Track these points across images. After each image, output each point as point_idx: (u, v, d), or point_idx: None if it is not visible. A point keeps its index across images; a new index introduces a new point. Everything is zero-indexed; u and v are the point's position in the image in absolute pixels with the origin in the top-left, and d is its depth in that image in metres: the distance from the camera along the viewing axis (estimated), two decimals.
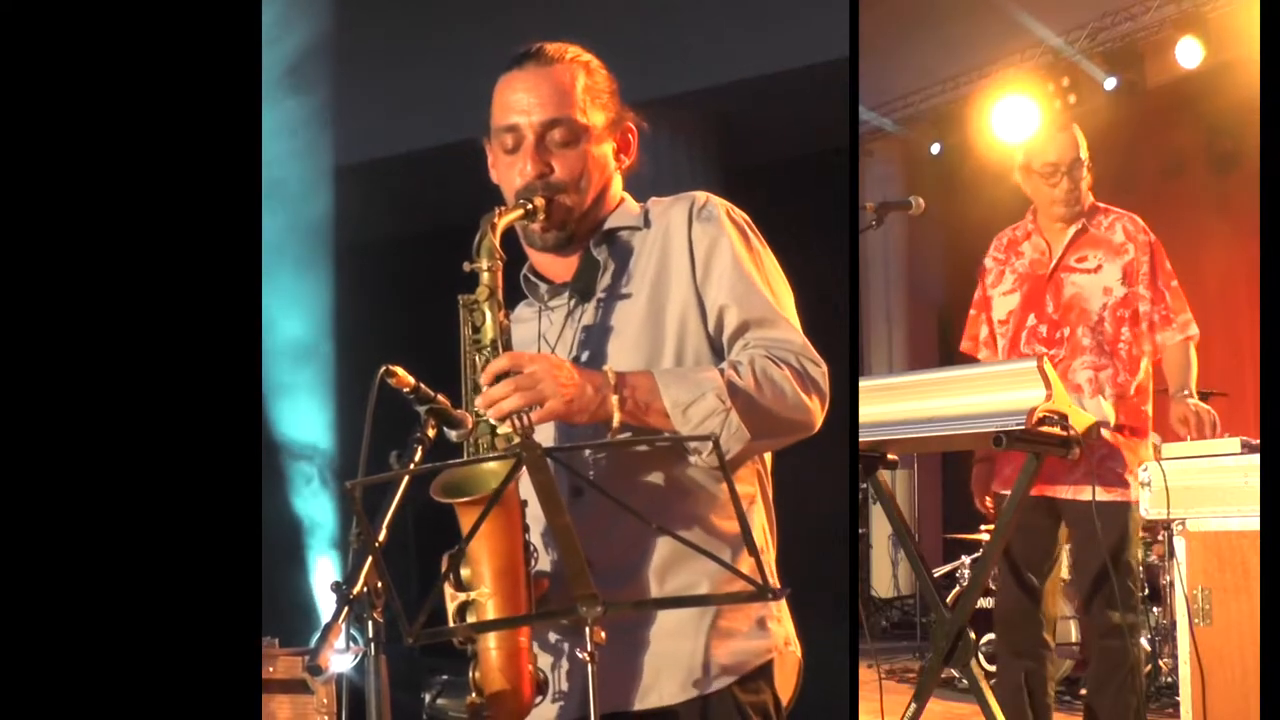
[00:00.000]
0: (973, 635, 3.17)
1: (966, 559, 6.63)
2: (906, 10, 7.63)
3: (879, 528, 8.97)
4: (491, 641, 1.82)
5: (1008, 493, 3.50)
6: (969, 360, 3.72)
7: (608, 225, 2.06)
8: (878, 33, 6.31)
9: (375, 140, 6.00)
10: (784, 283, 2.04)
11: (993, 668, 3.91)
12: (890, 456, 3.32)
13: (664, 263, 2.01)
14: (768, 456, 2.06)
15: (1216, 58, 7.13)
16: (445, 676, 1.85)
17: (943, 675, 3.41)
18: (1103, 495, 3.28)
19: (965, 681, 4.41)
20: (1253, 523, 2.98)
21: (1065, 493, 3.37)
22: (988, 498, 3.63)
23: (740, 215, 2.05)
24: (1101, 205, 3.57)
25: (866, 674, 3.37)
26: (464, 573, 1.83)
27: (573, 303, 2.05)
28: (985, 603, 4.44)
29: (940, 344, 10.02)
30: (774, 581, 2.01)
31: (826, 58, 4.69)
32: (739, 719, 1.92)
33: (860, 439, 3.18)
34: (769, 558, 2.03)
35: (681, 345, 1.97)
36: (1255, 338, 2.42)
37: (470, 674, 1.83)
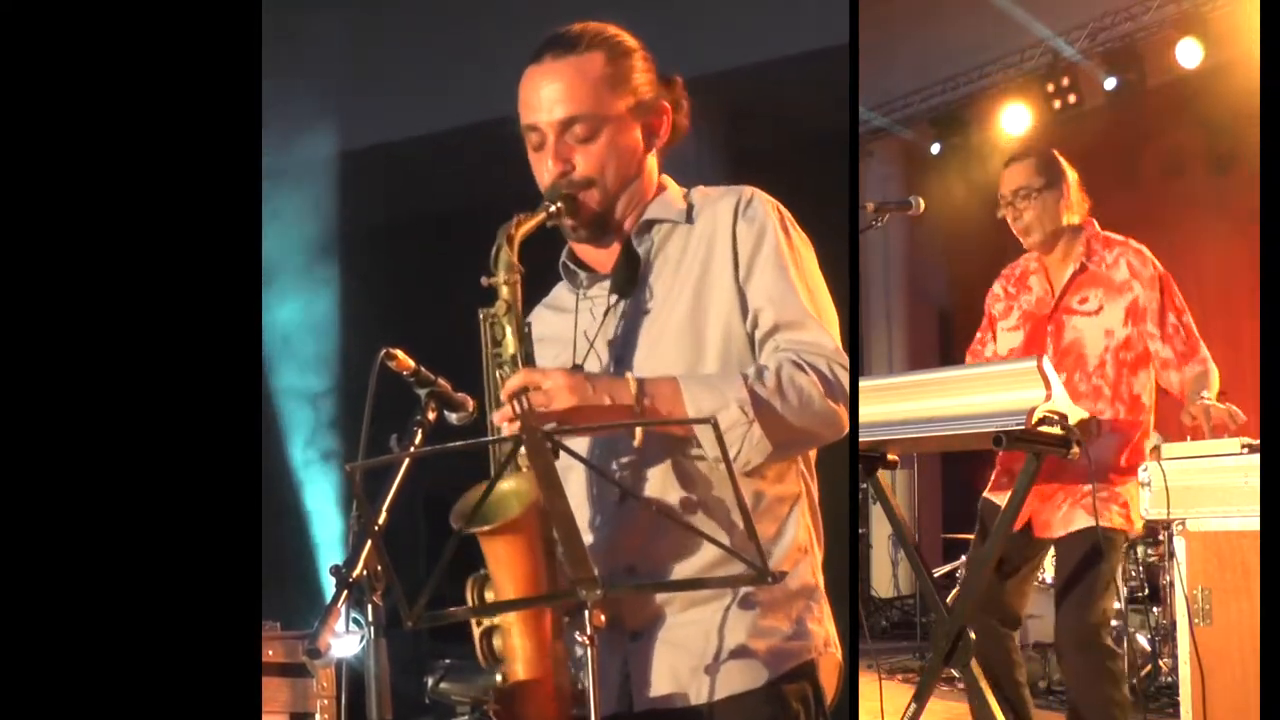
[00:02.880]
0: (972, 635, 3.16)
1: (966, 559, 6.63)
2: (906, 10, 7.64)
3: (879, 528, 8.97)
4: (519, 668, 1.81)
5: (992, 498, 3.49)
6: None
7: (648, 216, 2.03)
8: (878, 32, 6.31)
9: (379, 125, 6.00)
10: (822, 282, 2.02)
11: None
12: (890, 456, 3.31)
13: (708, 262, 1.98)
14: (811, 455, 2.05)
15: (1216, 58, 7.13)
16: (448, 661, 1.84)
17: (943, 675, 3.40)
18: (1089, 523, 3.21)
19: (965, 681, 4.40)
20: (1253, 523, 2.98)
21: (1058, 530, 3.31)
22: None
23: (785, 212, 2.02)
24: (1105, 235, 3.48)
25: (866, 674, 3.37)
26: (488, 596, 1.83)
27: (613, 298, 2.03)
28: None
29: (940, 344, 10.02)
30: (818, 581, 2.01)
31: (825, 53, 4.69)
32: (779, 707, 1.91)
33: (860, 439, 3.17)
34: (814, 559, 2.02)
35: (727, 347, 1.96)
36: (1255, 338, 2.42)
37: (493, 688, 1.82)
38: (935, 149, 8.93)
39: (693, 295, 1.97)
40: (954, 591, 6.26)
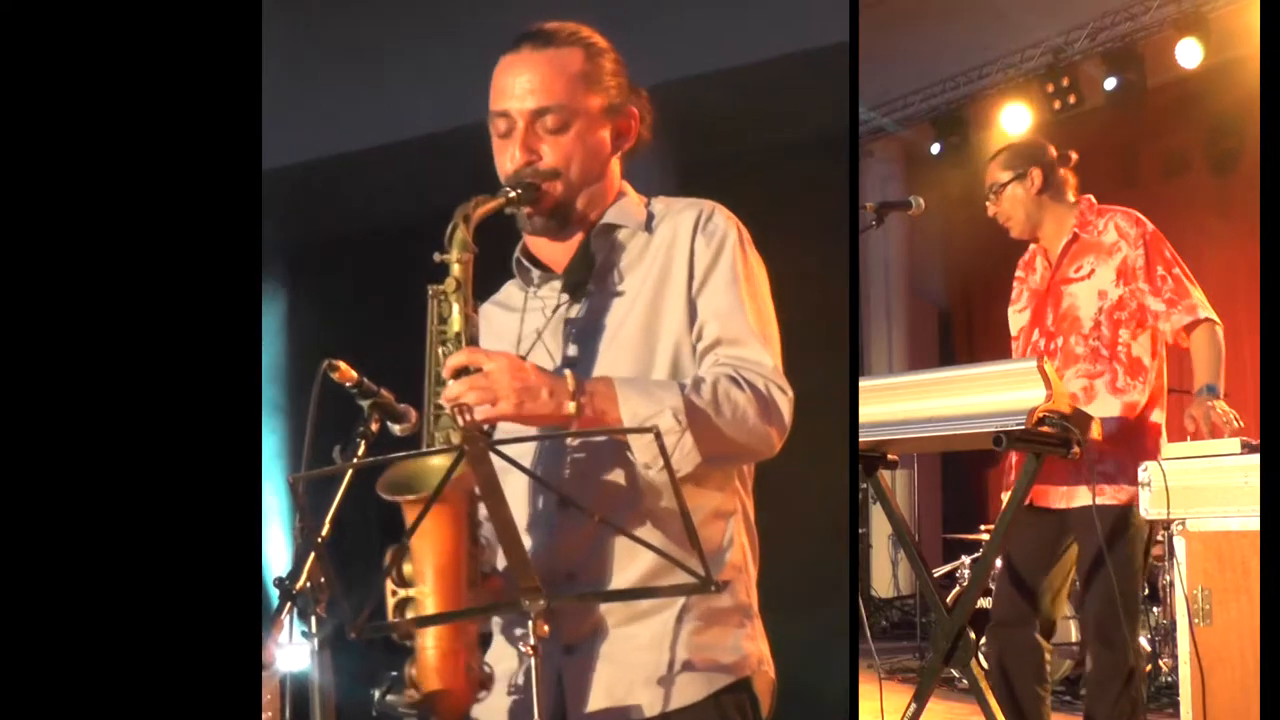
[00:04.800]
0: (973, 635, 3.16)
1: (966, 559, 6.65)
2: (906, 10, 7.63)
3: (879, 528, 8.98)
4: (429, 640, 1.78)
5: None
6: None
7: (608, 219, 2.02)
8: (878, 32, 6.31)
9: (318, 138, 5.97)
10: (770, 304, 2.01)
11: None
12: (890, 456, 3.31)
13: (664, 273, 1.98)
14: (748, 472, 2.03)
15: (1216, 58, 7.14)
16: (394, 673, 1.82)
17: (943, 675, 3.40)
18: (1098, 499, 3.25)
19: (965, 681, 4.41)
20: (1253, 523, 2.98)
21: (1060, 501, 3.34)
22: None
23: (743, 231, 2.01)
24: (1099, 206, 3.52)
25: (866, 674, 3.37)
26: (406, 569, 1.80)
27: (564, 297, 2.01)
28: (985, 603, 4.44)
29: (940, 344, 10.04)
30: (751, 599, 2.00)
31: (826, 56, 4.70)
32: (720, 718, 1.90)
33: (860, 439, 3.17)
34: (748, 576, 2.00)
35: (676, 360, 1.95)
36: (1255, 338, 2.42)
37: (406, 670, 1.79)
38: (935, 149, 8.94)
39: (647, 306, 1.96)
40: (954, 591, 6.29)
